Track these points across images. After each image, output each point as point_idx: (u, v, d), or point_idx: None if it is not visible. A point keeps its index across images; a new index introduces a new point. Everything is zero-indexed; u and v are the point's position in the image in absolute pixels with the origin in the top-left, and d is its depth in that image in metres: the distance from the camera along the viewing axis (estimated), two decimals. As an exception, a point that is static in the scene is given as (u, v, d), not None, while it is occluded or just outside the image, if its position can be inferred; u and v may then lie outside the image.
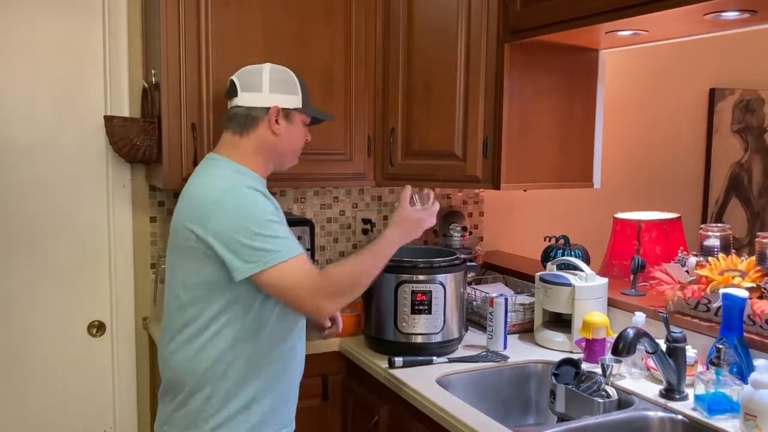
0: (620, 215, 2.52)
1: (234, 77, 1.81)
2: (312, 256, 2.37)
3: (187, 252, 1.65)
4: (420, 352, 2.07)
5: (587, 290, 2.15)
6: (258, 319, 1.66)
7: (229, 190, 1.64)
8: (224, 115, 1.82)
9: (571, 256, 2.35)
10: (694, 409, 1.67)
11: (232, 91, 1.80)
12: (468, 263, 2.20)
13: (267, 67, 1.81)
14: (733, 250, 2.00)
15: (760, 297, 1.79)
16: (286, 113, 1.79)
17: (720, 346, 1.68)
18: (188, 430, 1.68)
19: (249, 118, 1.76)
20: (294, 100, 1.81)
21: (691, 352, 1.79)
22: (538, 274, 2.29)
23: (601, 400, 1.74)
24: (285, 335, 1.72)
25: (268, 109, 1.76)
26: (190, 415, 1.67)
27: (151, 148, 2.25)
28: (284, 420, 1.75)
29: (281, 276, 1.59)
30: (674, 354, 1.74)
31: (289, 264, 1.59)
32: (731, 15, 1.74)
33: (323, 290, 1.63)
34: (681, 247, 2.18)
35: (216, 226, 1.60)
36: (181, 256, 1.69)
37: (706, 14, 1.74)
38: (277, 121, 1.77)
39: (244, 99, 1.77)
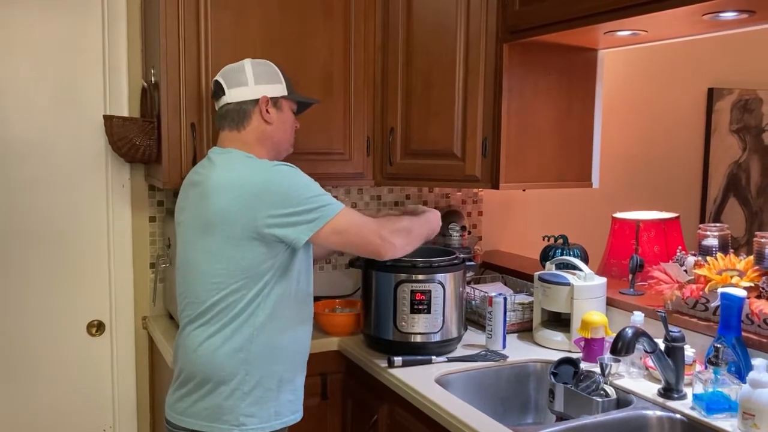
0: (619, 215, 2.53)
1: (218, 77, 1.89)
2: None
3: (229, 240, 1.70)
4: (419, 352, 2.07)
5: (586, 290, 2.15)
6: (291, 287, 1.79)
7: (273, 168, 1.74)
8: (215, 117, 1.88)
9: (569, 255, 2.36)
10: (692, 408, 1.67)
11: (218, 91, 1.87)
12: (467, 263, 2.20)
13: (248, 62, 1.89)
14: (731, 250, 2.00)
15: (759, 296, 1.80)
16: (275, 101, 1.88)
17: (718, 346, 1.68)
18: (213, 422, 1.72)
19: (241, 112, 1.84)
20: (279, 89, 1.89)
21: (689, 351, 1.79)
22: (537, 273, 2.29)
23: (599, 400, 1.74)
24: (308, 302, 1.87)
25: (257, 100, 1.84)
26: (216, 406, 1.72)
27: (151, 147, 2.25)
28: (300, 394, 1.85)
29: (343, 221, 1.73)
30: (673, 353, 1.75)
31: (345, 211, 1.75)
32: (729, 15, 1.74)
33: (384, 226, 1.81)
34: (679, 247, 2.18)
35: (268, 211, 1.68)
36: (216, 244, 1.71)
37: (705, 15, 1.74)
38: (267, 110, 1.85)
39: (232, 95, 1.85)
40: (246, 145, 1.83)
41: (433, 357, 2.05)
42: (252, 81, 1.85)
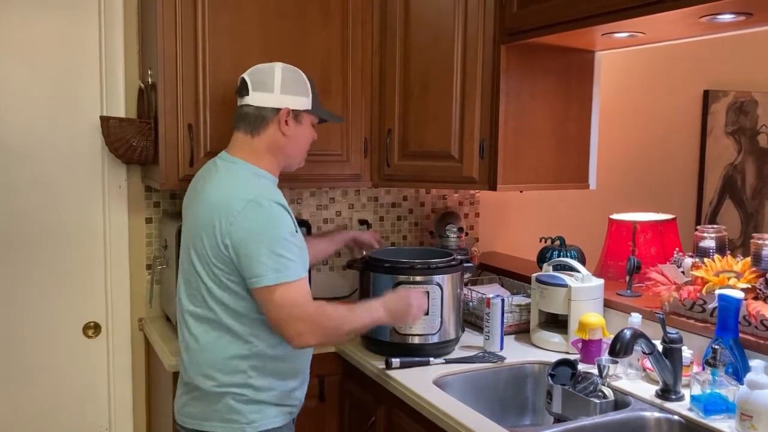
0: (615, 216, 2.53)
1: (245, 75, 1.83)
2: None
3: (203, 253, 1.70)
4: (417, 353, 2.07)
5: (583, 291, 2.15)
6: None
7: (252, 201, 1.67)
8: (235, 113, 1.84)
9: (566, 257, 2.36)
10: (690, 410, 1.67)
11: (242, 90, 1.82)
12: (464, 264, 2.20)
13: (279, 67, 1.83)
14: (728, 252, 2.01)
15: (756, 298, 1.80)
16: (296, 114, 1.82)
17: (716, 347, 1.69)
18: (228, 423, 1.72)
19: (259, 119, 1.79)
20: (304, 102, 1.84)
21: (687, 352, 1.80)
22: (534, 275, 2.29)
23: (597, 401, 1.74)
24: None
25: (278, 110, 1.79)
26: (228, 408, 1.71)
27: (148, 148, 2.24)
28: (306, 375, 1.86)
29: (283, 295, 1.64)
30: (670, 355, 1.75)
31: (291, 286, 1.65)
32: (727, 18, 1.75)
33: (310, 321, 1.68)
34: (677, 248, 2.18)
35: (236, 234, 1.65)
36: (202, 252, 1.71)
37: (702, 17, 1.75)
38: (286, 122, 1.80)
39: (254, 98, 1.80)
40: (255, 153, 1.80)
41: (431, 358, 2.05)
42: (278, 89, 1.80)
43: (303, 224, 2.38)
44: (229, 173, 1.77)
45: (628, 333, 1.69)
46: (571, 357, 1.97)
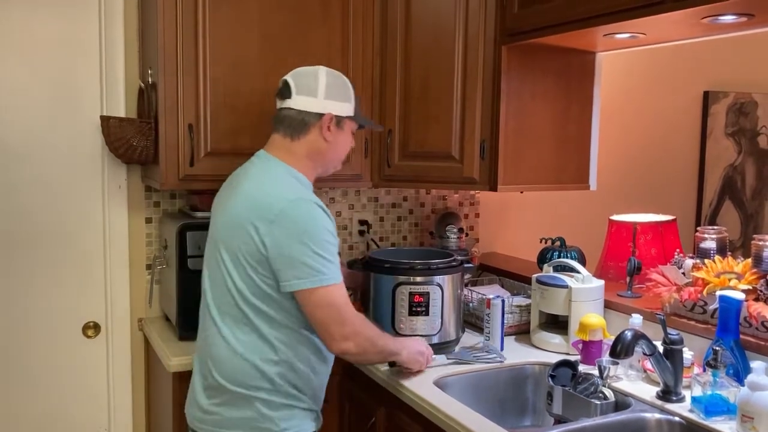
0: (616, 217, 2.53)
1: (288, 78, 1.80)
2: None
3: (239, 254, 1.68)
4: (417, 354, 2.07)
5: (583, 292, 2.15)
6: None
7: (294, 201, 1.66)
8: (274, 116, 1.82)
9: (567, 257, 2.36)
10: (691, 411, 1.67)
11: (285, 92, 1.79)
12: (465, 265, 2.20)
13: (323, 71, 1.81)
14: (728, 253, 2.01)
15: (757, 299, 1.80)
16: (338, 120, 1.80)
17: (717, 348, 1.68)
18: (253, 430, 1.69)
19: (302, 123, 1.77)
20: (347, 108, 1.83)
21: (687, 354, 1.79)
22: (535, 275, 2.29)
23: (598, 402, 1.74)
24: None
25: (321, 115, 1.77)
26: (259, 414, 1.68)
27: (148, 148, 2.24)
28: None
29: (327, 297, 1.64)
30: (671, 356, 1.75)
31: (334, 288, 1.65)
32: (728, 19, 1.74)
33: (352, 324, 1.68)
34: (677, 249, 2.18)
35: (277, 233, 1.62)
36: (236, 254, 1.68)
37: (704, 18, 1.75)
38: (329, 128, 1.78)
39: (297, 102, 1.77)
40: (294, 156, 1.77)
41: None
42: (322, 94, 1.77)
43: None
44: (268, 172, 1.74)
45: (628, 334, 1.69)
46: (572, 358, 1.96)
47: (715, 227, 2.07)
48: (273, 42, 2.24)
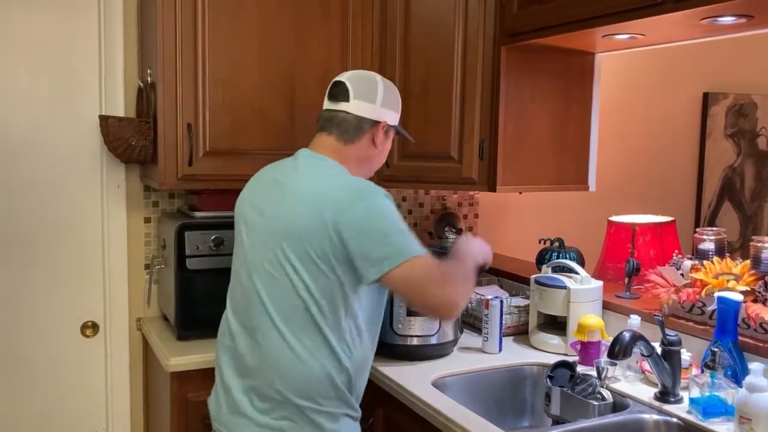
0: (615, 218, 2.53)
1: (345, 81, 1.77)
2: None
3: (309, 254, 1.60)
4: (416, 355, 2.07)
5: (582, 293, 2.15)
6: (371, 301, 1.71)
7: (361, 190, 1.62)
8: (322, 117, 1.78)
9: (565, 258, 2.35)
10: (689, 412, 1.67)
11: (341, 94, 1.76)
12: (463, 265, 2.20)
13: (380, 80, 1.81)
14: (727, 254, 2.01)
15: (755, 300, 1.80)
16: (387, 129, 1.81)
17: (715, 350, 1.69)
18: None
19: (357, 128, 1.74)
20: (396, 118, 1.84)
21: (686, 355, 1.79)
22: (533, 276, 2.29)
23: (596, 403, 1.74)
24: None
25: (377, 122, 1.76)
26: (304, 422, 1.61)
27: (147, 148, 2.24)
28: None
29: (412, 270, 1.56)
30: (669, 357, 1.75)
31: (419, 259, 1.57)
32: (728, 20, 1.74)
33: (449, 277, 1.63)
34: (676, 251, 2.18)
35: (352, 223, 1.57)
36: (301, 255, 1.61)
37: (703, 19, 1.75)
38: (380, 136, 1.78)
39: (356, 107, 1.74)
40: (344, 158, 1.73)
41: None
42: (380, 101, 1.77)
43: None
44: (326, 170, 1.70)
45: (626, 335, 1.69)
46: (570, 359, 1.96)
47: (714, 228, 2.06)
48: (272, 41, 2.24)
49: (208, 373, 1.91)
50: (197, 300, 2.21)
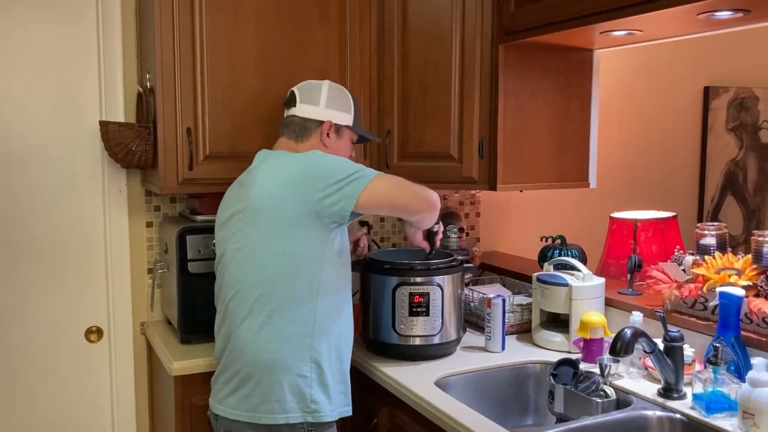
0: (616, 215, 2.53)
1: (295, 89, 1.99)
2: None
3: (280, 223, 1.76)
4: (418, 354, 2.07)
5: (584, 290, 2.15)
6: (342, 270, 1.87)
7: (308, 157, 1.83)
8: (282, 123, 1.99)
9: (567, 256, 2.35)
10: (692, 408, 1.67)
11: (291, 101, 1.98)
12: (465, 264, 2.20)
13: (326, 84, 2.01)
14: (729, 249, 2.00)
15: (757, 295, 1.79)
16: (337, 128, 1.98)
17: (717, 345, 1.68)
18: (286, 412, 1.76)
19: (304, 128, 1.95)
20: (346, 118, 2.00)
21: (688, 351, 1.79)
22: (536, 274, 2.29)
23: (599, 400, 1.74)
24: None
25: (321, 122, 1.95)
26: (282, 395, 1.76)
27: (147, 153, 2.24)
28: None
29: (380, 186, 1.77)
30: (672, 353, 1.74)
31: (380, 176, 1.78)
32: (725, 14, 1.74)
33: (417, 185, 1.87)
34: (677, 246, 2.18)
35: (316, 185, 1.74)
36: (269, 228, 1.77)
37: (700, 14, 1.74)
38: (328, 134, 1.96)
39: (301, 110, 1.96)
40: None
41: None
42: (323, 103, 1.96)
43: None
44: (282, 157, 1.86)
45: (629, 332, 1.69)
46: (573, 356, 1.96)
47: (715, 223, 2.06)
48: (270, 45, 2.24)
49: (211, 377, 1.91)
50: (200, 303, 2.21)
